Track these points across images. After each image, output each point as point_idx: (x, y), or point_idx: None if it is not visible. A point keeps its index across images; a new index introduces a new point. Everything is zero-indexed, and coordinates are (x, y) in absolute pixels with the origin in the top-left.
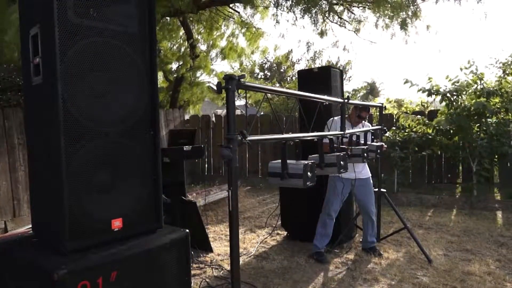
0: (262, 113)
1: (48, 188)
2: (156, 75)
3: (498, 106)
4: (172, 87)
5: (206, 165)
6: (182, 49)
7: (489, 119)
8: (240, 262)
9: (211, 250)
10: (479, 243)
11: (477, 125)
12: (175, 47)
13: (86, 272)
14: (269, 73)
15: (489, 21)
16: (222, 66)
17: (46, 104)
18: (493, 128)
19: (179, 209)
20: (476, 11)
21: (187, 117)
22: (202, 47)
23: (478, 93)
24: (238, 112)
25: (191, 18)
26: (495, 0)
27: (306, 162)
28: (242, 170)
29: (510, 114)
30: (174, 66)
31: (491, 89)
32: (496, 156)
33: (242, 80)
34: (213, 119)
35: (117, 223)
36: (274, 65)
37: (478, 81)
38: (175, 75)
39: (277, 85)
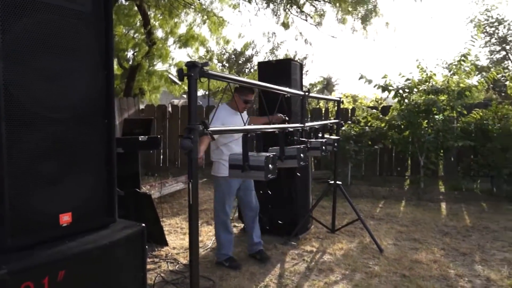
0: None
1: None
2: (112, 59)
3: (445, 104)
4: (127, 75)
5: (162, 157)
6: (139, 36)
7: (436, 116)
8: None
9: (166, 244)
10: (426, 232)
11: (425, 121)
12: (131, 33)
13: (29, 272)
14: (227, 64)
15: (440, 20)
16: (182, 55)
17: None
18: (440, 124)
19: (133, 202)
20: (428, 9)
21: (142, 106)
22: (160, 34)
23: (427, 90)
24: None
25: (148, 3)
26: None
27: (267, 154)
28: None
29: (454, 112)
30: (129, 53)
31: (439, 87)
32: (442, 151)
33: (206, 68)
34: (170, 109)
35: (65, 218)
36: (233, 56)
37: (428, 80)
38: (130, 63)
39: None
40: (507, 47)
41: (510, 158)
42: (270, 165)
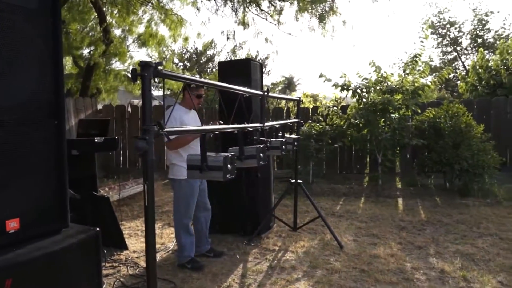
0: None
1: None
2: (61, 57)
3: (400, 103)
4: (83, 74)
5: (122, 158)
6: (95, 34)
7: (392, 115)
8: (158, 258)
9: (126, 248)
10: (384, 228)
11: (382, 120)
12: (86, 31)
13: None
14: (188, 64)
15: (398, 20)
16: (141, 54)
17: None
18: (396, 123)
19: (90, 206)
20: (386, 8)
21: (100, 106)
22: (118, 32)
23: (383, 90)
24: (156, 102)
25: (104, 0)
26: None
27: (226, 154)
28: (160, 162)
29: (409, 110)
30: (85, 51)
31: (394, 86)
32: (398, 148)
33: (160, 67)
34: (129, 109)
35: (13, 224)
36: (194, 55)
37: (384, 80)
38: (86, 61)
39: (197, 76)
40: (458, 48)
41: (460, 154)
42: (228, 165)
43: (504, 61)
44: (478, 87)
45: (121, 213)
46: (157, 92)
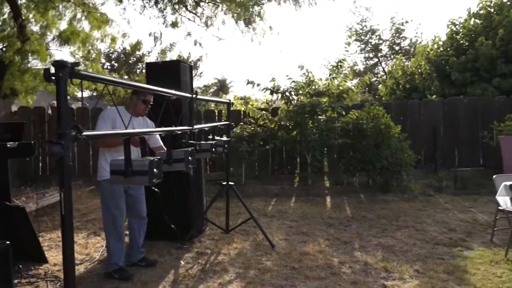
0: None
1: None
2: None
3: (327, 105)
4: None
5: (41, 164)
6: (8, 29)
7: (320, 117)
8: (82, 269)
9: (45, 261)
10: (313, 225)
11: (310, 121)
12: None
13: None
14: (116, 64)
15: (324, 26)
16: (64, 54)
17: None
18: (323, 124)
19: (2, 217)
20: (310, 14)
21: (15, 108)
22: (35, 28)
23: (311, 93)
24: (80, 104)
25: None
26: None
27: (152, 158)
28: (85, 168)
29: (335, 112)
30: None
31: (321, 90)
32: (326, 149)
33: (77, 68)
34: (49, 111)
35: None
36: (122, 55)
37: (311, 83)
38: None
39: (126, 77)
40: (379, 55)
41: (381, 153)
42: (155, 170)
43: (418, 67)
44: (396, 90)
45: (40, 224)
46: (84, 93)
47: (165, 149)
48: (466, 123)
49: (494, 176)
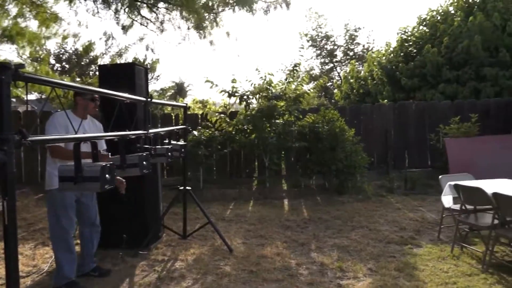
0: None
1: None
2: None
3: (284, 109)
4: None
5: None
6: None
7: (277, 120)
8: (29, 282)
9: None
10: (271, 228)
11: (268, 125)
12: None
13: None
14: (68, 66)
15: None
16: (9, 54)
17: None
18: (280, 128)
19: None
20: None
21: None
22: None
23: (268, 96)
24: (30, 107)
25: None
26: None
27: (103, 163)
28: (33, 174)
29: (292, 116)
30: None
31: (278, 94)
32: (283, 152)
33: (21, 70)
34: None
35: None
36: (74, 57)
37: (268, 87)
38: None
39: (78, 79)
40: (334, 60)
41: (336, 156)
42: (107, 175)
43: (371, 72)
44: (350, 95)
45: None
46: (32, 96)
47: (108, 153)
48: (415, 126)
49: (440, 177)
